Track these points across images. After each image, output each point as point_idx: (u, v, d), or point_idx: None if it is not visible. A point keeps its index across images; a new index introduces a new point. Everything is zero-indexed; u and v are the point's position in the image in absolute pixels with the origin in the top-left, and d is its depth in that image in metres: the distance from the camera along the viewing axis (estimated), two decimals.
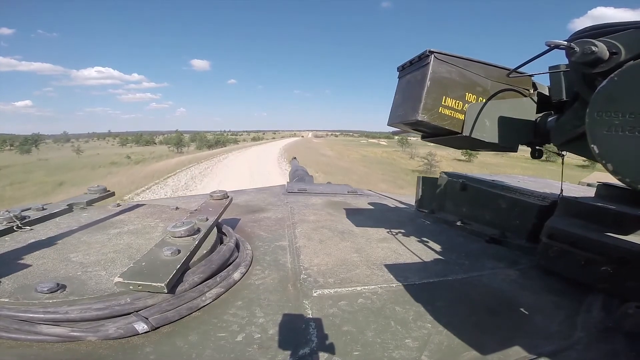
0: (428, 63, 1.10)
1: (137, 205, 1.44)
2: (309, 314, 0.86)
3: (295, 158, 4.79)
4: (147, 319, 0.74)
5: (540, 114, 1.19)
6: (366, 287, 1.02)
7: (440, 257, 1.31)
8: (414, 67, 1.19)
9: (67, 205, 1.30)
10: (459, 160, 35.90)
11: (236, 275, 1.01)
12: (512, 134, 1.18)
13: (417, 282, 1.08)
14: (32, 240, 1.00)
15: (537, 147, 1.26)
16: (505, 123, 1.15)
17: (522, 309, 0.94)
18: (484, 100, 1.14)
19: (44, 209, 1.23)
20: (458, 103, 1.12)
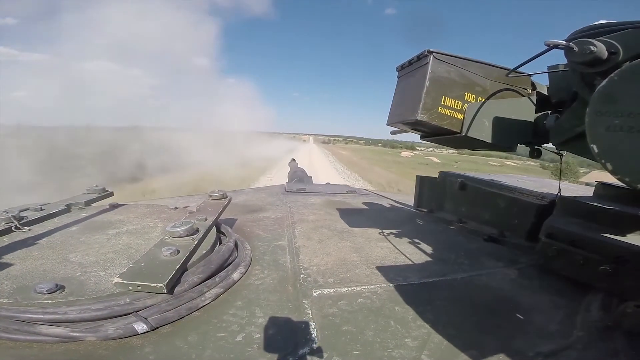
0: (427, 63, 1.10)
1: (136, 206, 1.44)
2: (309, 314, 0.86)
3: (293, 160, 4.65)
4: (146, 319, 0.74)
5: (539, 114, 1.19)
6: (366, 287, 1.02)
7: (440, 257, 1.31)
8: (413, 67, 1.19)
9: (66, 205, 1.29)
10: None
11: (235, 276, 1.01)
12: (511, 134, 1.18)
13: (416, 281, 1.08)
14: (31, 241, 0.99)
15: (536, 147, 1.27)
16: (504, 123, 1.16)
17: (521, 309, 0.95)
18: (483, 100, 1.14)
19: (42, 209, 1.22)
20: (457, 103, 1.13)
